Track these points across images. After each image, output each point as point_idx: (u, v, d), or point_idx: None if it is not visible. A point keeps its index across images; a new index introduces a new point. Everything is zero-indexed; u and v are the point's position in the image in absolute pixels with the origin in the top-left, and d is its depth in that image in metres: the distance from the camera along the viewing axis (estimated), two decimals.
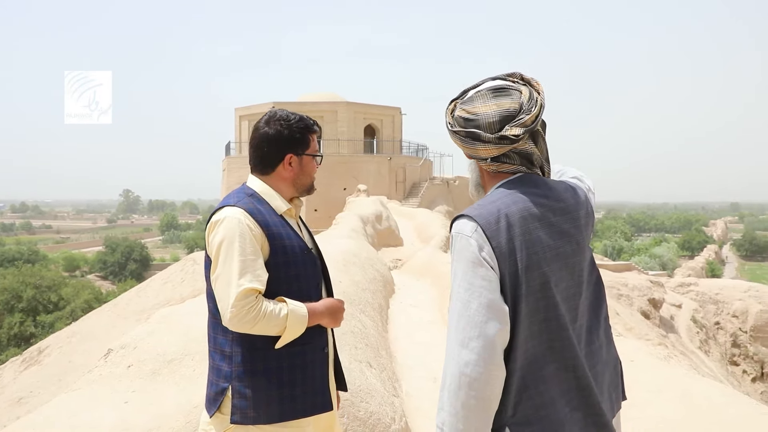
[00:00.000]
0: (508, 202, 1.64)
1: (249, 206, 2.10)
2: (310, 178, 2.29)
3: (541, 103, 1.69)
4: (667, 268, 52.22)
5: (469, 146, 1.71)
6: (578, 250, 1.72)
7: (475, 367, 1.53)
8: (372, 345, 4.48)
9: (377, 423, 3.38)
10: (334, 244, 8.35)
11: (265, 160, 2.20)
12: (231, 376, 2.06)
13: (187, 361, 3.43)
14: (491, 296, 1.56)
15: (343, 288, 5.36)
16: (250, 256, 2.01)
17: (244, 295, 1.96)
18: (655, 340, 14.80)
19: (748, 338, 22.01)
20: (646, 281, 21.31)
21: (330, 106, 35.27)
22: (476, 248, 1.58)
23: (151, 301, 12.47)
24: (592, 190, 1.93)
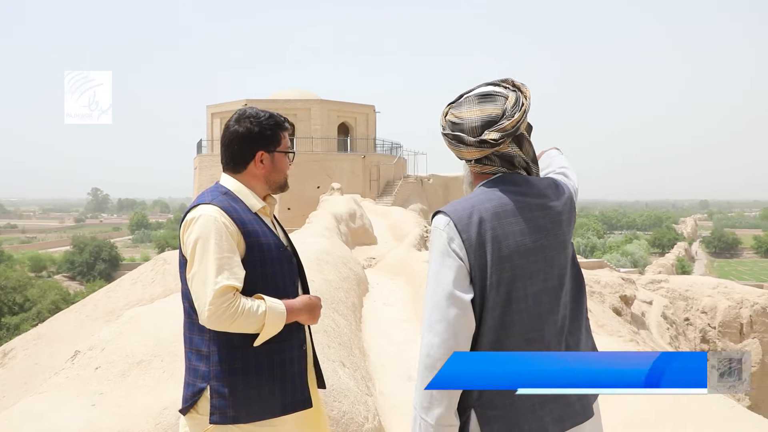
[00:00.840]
0: (482, 199, 1.76)
1: (224, 204, 2.09)
2: (283, 176, 2.28)
3: (524, 109, 1.79)
4: (638, 265, 53.13)
5: (455, 148, 1.83)
6: (558, 244, 1.79)
7: (438, 349, 1.65)
8: (345, 344, 4.46)
9: (350, 422, 3.36)
10: (308, 243, 8.31)
11: (236, 158, 2.19)
12: (209, 376, 2.04)
13: (157, 363, 3.38)
14: (455, 284, 1.67)
15: (316, 287, 5.32)
16: (227, 253, 2.00)
17: (222, 293, 1.95)
18: (626, 336, 15.02)
19: (717, 334, 22.47)
20: (618, 278, 21.61)
21: (303, 104, 35.13)
22: (446, 240, 1.70)
23: (120, 301, 12.28)
24: (576, 186, 2.02)
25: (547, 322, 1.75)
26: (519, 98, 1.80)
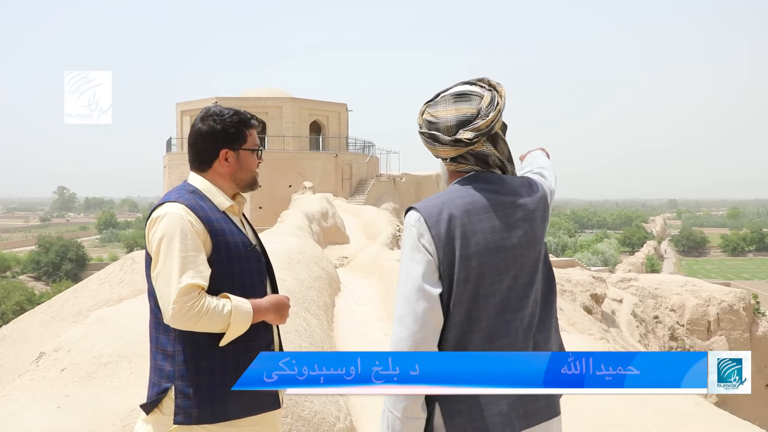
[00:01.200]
0: (454, 197, 1.79)
1: (190, 202, 2.07)
2: (250, 173, 2.25)
3: (499, 108, 1.82)
4: (608, 264, 53.94)
5: (430, 147, 1.86)
6: (529, 242, 1.82)
7: (406, 342, 1.68)
8: (317, 344, 4.44)
9: (322, 422, 3.35)
10: (279, 242, 8.25)
11: (200, 156, 2.18)
12: (174, 375, 2.01)
13: (124, 364, 3.32)
14: (424, 279, 1.71)
15: (287, 286, 5.29)
16: (192, 252, 1.99)
17: (186, 291, 1.93)
18: (597, 334, 15.21)
19: (685, 331, 22.89)
20: (589, 277, 21.88)
21: (275, 102, 34.91)
22: (416, 236, 1.74)
23: (88, 302, 12.05)
24: (553, 187, 2.06)
25: (514, 319, 1.77)
26: (494, 98, 1.83)
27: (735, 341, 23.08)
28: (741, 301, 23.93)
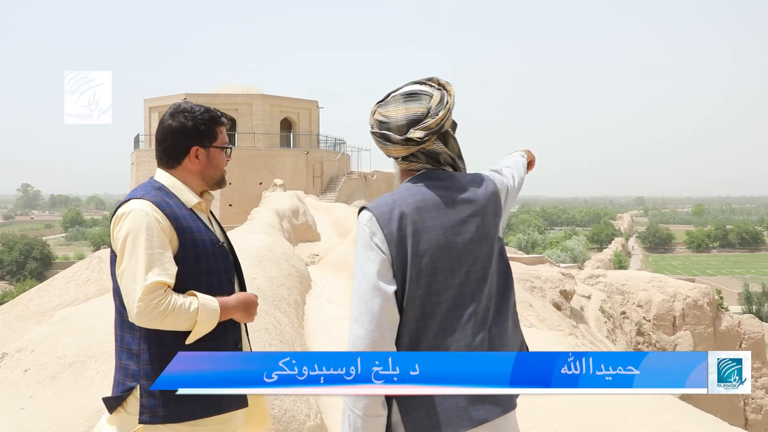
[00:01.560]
0: (405, 195, 1.82)
1: (157, 199, 2.05)
2: (219, 171, 2.24)
3: (449, 107, 1.86)
4: (577, 261, 54.63)
5: (382, 146, 1.89)
6: (481, 237, 1.85)
7: (363, 341, 1.70)
8: (287, 342, 4.42)
9: (292, 420, 3.33)
10: (249, 240, 8.19)
11: (170, 153, 2.16)
12: (139, 374, 1.99)
13: (90, 364, 3.27)
14: (378, 277, 1.73)
15: (257, 284, 5.26)
16: (158, 249, 1.97)
17: (152, 289, 1.91)
18: (566, 330, 15.40)
19: (651, 326, 23.31)
20: (558, 273, 22.11)
21: (245, 99, 34.62)
22: (369, 235, 1.77)
23: (53, 301, 11.82)
24: (513, 182, 2.10)
25: (467, 314, 1.79)
26: (444, 96, 1.87)
27: (699, 336, 23.59)
28: (705, 296, 24.48)
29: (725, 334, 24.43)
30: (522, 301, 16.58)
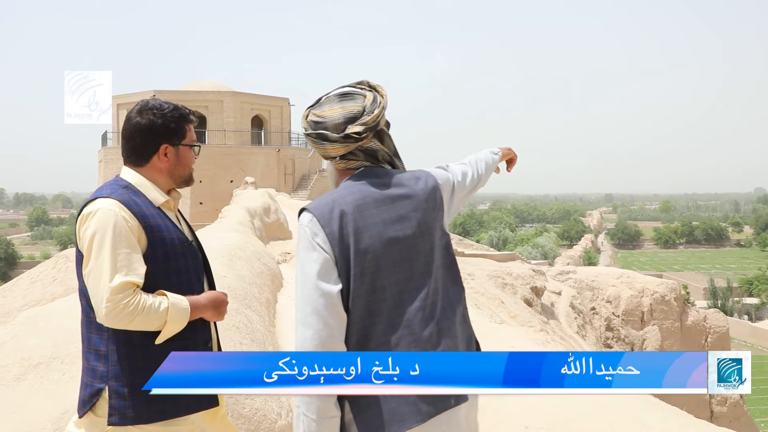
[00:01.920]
0: (344, 194, 1.84)
1: (124, 198, 2.03)
2: (188, 169, 2.23)
3: (383, 105, 1.89)
4: (548, 257, 55.24)
5: (319, 146, 1.90)
6: (422, 232, 1.87)
7: (312, 341, 1.70)
8: (258, 340, 4.40)
9: (263, 419, 3.32)
10: (220, 238, 8.12)
11: (138, 151, 2.13)
12: (108, 376, 1.97)
13: (56, 365, 3.21)
14: (322, 277, 1.73)
15: (228, 283, 5.21)
16: (126, 249, 1.95)
17: (121, 289, 1.89)
18: (537, 326, 15.55)
19: (620, 322, 23.68)
20: (529, 270, 22.31)
21: (215, 96, 34.25)
22: (310, 235, 1.77)
23: (18, 302, 11.58)
24: (463, 178, 2.11)
25: (413, 309, 1.80)
26: (376, 97, 1.90)
27: (667, 330, 24.04)
28: (672, 291, 24.94)
29: (692, 329, 24.93)
30: (494, 298, 16.71)
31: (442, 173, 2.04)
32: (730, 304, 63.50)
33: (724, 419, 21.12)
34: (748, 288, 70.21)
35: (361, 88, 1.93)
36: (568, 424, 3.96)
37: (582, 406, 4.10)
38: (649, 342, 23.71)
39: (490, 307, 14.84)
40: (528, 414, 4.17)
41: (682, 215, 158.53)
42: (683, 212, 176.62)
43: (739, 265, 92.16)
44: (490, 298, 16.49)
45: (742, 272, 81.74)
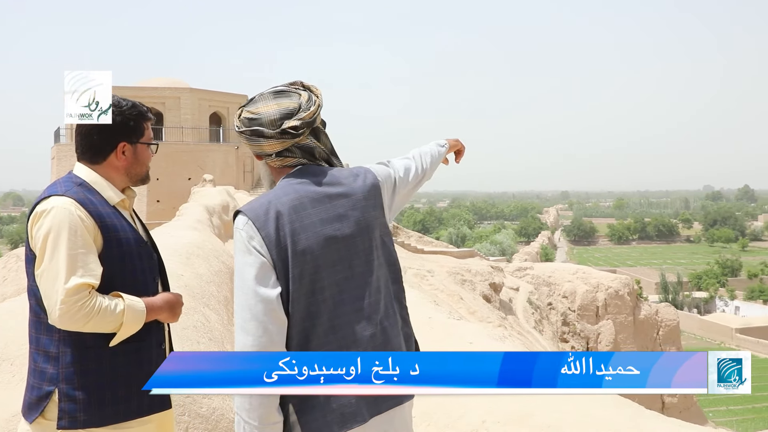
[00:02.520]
0: (279, 194, 1.80)
1: (79, 196, 1.97)
2: (144, 167, 2.19)
3: (318, 103, 1.87)
4: (506, 254, 55.90)
5: (254, 144, 1.86)
6: (362, 230, 1.85)
7: (252, 348, 1.67)
8: (216, 339, 4.36)
9: (221, 418, 3.30)
10: (177, 236, 8.00)
11: (95, 148, 2.09)
12: (58, 378, 1.91)
13: (6, 366, 3.14)
14: (260, 282, 1.70)
15: (185, 281, 5.15)
16: (81, 249, 1.90)
17: (76, 291, 1.84)
18: (495, 322, 15.77)
19: (576, 317, 24.16)
20: (488, 267, 22.59)
21: (172, 92, 33.66)
22: (246, 239, 1.73)
23: None
24: (405, 173, 2.08)
25: (354, 309, 1.79)
26: (311, 96, 1.89)
27: (620, 324, 24.63)
28: (626, 286, 25.56)
29: (644, 322, 25.59)
30: (453, 295, 16.86)
31: (383, 169, 2.02)
32: (680, 298, 65.41)
33: (674, 409, 21.75)
34: (697, 282, 72.49)
35: (296, 88, 1.91)
36: (524, 419, 4.04)
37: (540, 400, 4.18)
38: (603, 336, 24.25)
39: (449, 304, 14.97)
40: (486, 409, 4.23)
41: (634, 212, 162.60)
42: (636, 209, 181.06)
43: (689, 260, 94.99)
44: (449, 294, 16.64)
45: (691, 267, 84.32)
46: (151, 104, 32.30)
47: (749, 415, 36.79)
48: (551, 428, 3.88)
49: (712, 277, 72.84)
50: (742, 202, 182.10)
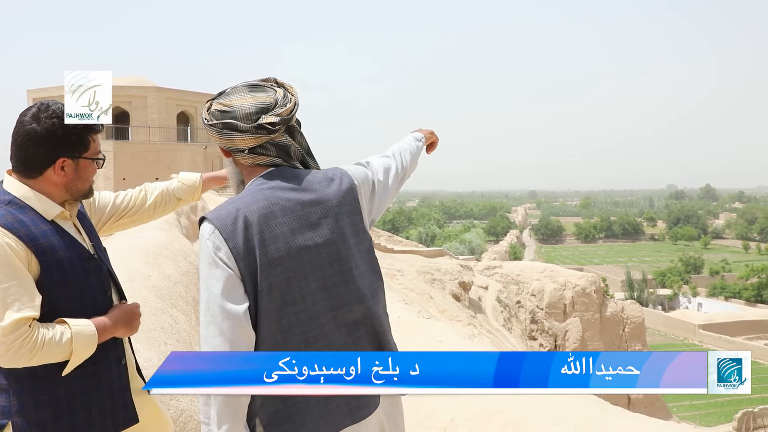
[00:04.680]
0: (249, 201, 1.70)
1: (6, 219, 1.78)
2: (87, 183, 1.98)
3: (295, 101, 1.79)
4: (475, 253, 56.32)
5: (226, 138, 1.75)
6: (335, 239, 1.76)
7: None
8: (184, 340, 4.32)
9: (189, 420, 3.27)
10: (144, 236, 7.88)
11: (30, 163, 1.86)
12: (10, 411, 1.78)
13: None
14: (227, 296, 1.61)
15: (152, 282, 5.09)
16: (13, 281, 1.72)
17: (14, 328, 1.67)
18: (465, 320, 15.88)
19: (544, 314, 24.46)
20: (457, 265, 22.72)
21: (139, 91, 33.16)
22: (213, 250, 1.63)
23: None
24: (384, 174, 1.99)
25: (328, 321, 1.72)
26: (286, 93, 1.80)
27: (588, 322, 25.03)
28: (592, 284, 25.98)
29: (611, 320, 26.04)
30: (423, 293, 16.94)
31: (361, 171, 1.92)
32: (645, 296, 66.70)
33: (640, 405, 22.18)
34: (662, 280, 74.04)
35: (270, 84, 1.82)
36: (491, 416, 4.09)
37: (507, 398, 4.24)
38: (571, 333, 24.61)
39: (419, 302, 15.04)
40: (455, 407, 4.28)
41: (600, 211, 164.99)
42: (602, 208, 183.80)
43: (654, 258, 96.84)
44: (419, 293, 16.72)
45: (656, 265, 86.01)
46: (117, 103, 31.79)
47: (712, 410, 37.68)
48: (518, 425, 3.94)
49: (676, 274, 74.46)
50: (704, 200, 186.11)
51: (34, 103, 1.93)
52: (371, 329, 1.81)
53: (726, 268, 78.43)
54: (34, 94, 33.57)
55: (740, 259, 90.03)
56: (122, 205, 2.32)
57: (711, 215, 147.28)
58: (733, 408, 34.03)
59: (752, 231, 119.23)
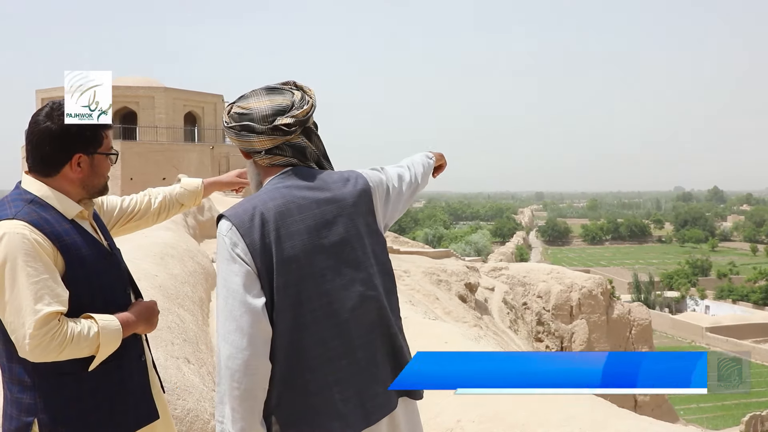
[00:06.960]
0: (266, 199, 1.73)
1: (32, 217, 1.81)
2: (103, 179, 2.02)
3: (312, 103, 1.82)
4: (481, 254, 56.25)
5: (244, 140, 1.80)
6: (351, 237, 1.78)
7: (235, 360, 1.61)
8: (191, 340, 4.33)
9: (195, 419, 3.28)
10: (151, 237, 7.91)
11: (47, 161, 1.91)
12: (36, 408, 1.80)
13: None
14: (245, 291, 1.63)
15: (159, 282, 5.10)
16: (43, 275, 1.76)
17: (45, 321, 1.71)
18: (471, 322, 15.86)
19: (551, 316, 24.39)
20: (463, 267, 22.65)
21: (146, 92, 33.32)
22: (230, 246, 1.67)
23: None
24: (398, 181, 2.01)
25: (346, 319, 1.73)
26: (304, 95, 1.83)
27: (594, 324, 24.93)
28: (599, 286, 25.88)
29: (617, 322, 25.92)
30: (429, 295, 16.92)
31: (375, 175, 1.95)
32: (652, 298, 66.50)
33: (647, 407, 22.07)
34: (669, 282, 73.78)
35: (289, 87, 1.85)
36: (498, 417, 4.08)
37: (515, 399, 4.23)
38: (577, 335, 24.54)
39: (425, 304, 15.03)
40: (461, 408, 4.27)
41: (607, 213, 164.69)
42: (609, 210, 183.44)
43: (661, 260, 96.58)
44: (425, 294, 16.70)
45: (663, 267, 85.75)
46: (125, 104, 31.98)
47: (719, 413, 37.51)
48: (524, 427, 3.93)
49: (683, 276, 74.20)
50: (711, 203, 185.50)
51: (46, 104, 1.96)
52: (386, 330, 1.82)
53: (734, 270, 78.09)
54: (42, 94, 33.73)
55: (748, 261, 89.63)
56: (128, 209, 2.38)
57: (719, 217, 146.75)
58: (740, 411, 33.88)
59: (760, 233, 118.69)
